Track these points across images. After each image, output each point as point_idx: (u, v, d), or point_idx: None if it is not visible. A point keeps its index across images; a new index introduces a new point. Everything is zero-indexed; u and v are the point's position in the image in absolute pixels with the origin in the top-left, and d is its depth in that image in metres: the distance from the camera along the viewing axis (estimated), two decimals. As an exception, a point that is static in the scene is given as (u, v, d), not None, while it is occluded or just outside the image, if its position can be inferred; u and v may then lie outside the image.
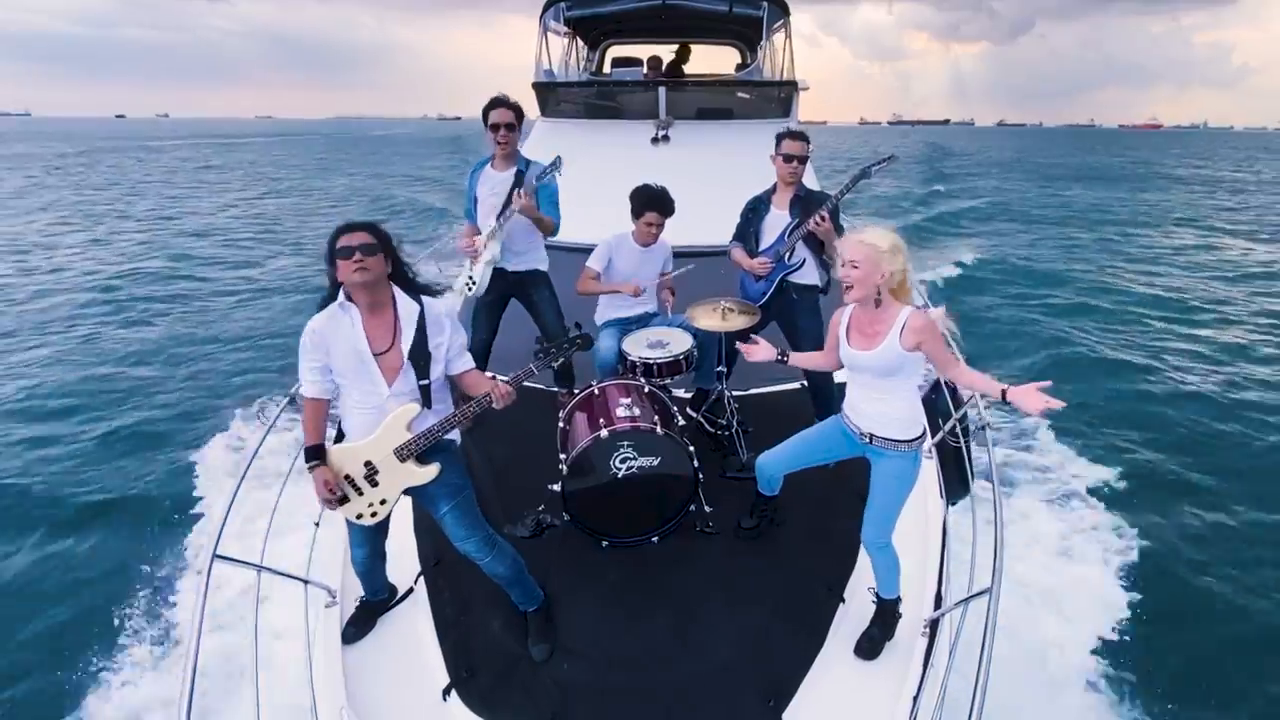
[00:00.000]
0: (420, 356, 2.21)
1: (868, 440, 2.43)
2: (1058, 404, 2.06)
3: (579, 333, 2.43)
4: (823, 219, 3.24)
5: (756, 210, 3.58)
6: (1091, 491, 5.21)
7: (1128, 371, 7.95)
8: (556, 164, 3.48)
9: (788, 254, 3.46)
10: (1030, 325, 9.94)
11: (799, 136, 3.44)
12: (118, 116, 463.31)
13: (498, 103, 3.49)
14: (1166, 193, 28.68)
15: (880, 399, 2.38)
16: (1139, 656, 3.68)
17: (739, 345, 2.83)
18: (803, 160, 3.43)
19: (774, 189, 3.58)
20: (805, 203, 3.42)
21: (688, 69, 7.58)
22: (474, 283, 3.70)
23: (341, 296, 2.18)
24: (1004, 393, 2.14)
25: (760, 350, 2.75)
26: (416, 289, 2.26)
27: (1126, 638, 3.79)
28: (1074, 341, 9.05)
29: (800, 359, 2.79)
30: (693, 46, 7.89)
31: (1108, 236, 17.32)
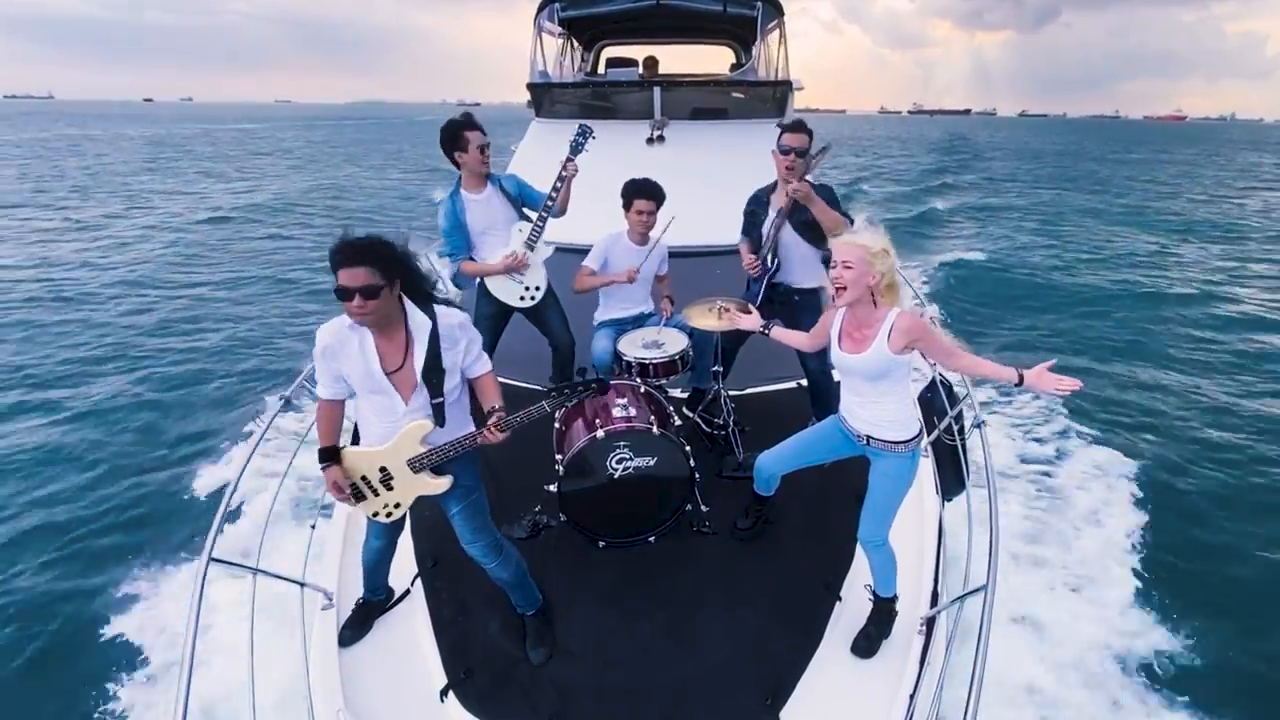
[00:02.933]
0: (433, 374, 2.16)
1: (865, 441, 2.44)
2: (1072, 384, 2.04)
3: (595, 378, 2.40)
4: (795, 189, 3.10)
5: (755, 213, 3.51)
6: (1090, 486, 5.22)
7: (1129, 367, 7.94)
8: (587, 132, 3.45)
9: (769, 255, 3.39)
10: (1028, 316, 9.99)
11: (797, 128, 3.27)
12: (145, 100, 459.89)
13: (474, 124, 3.36)
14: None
15: (873, 402, 2.38)
16: (1139, 653, 3.68)
17: (737, 320, 2.89)
18: (801, 154, 3.23)
19: (774, 186, 3.47)
20: (797, 205, 3.31)
21: (679, 69, 7.58)
22: (538, 290, 3.65)
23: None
24: (1021, 377, 2.12)
25: (749, 319, 2.87)
26: (431, 301, 2.19)
27: (1124, 634, 3.79)
28: (1077, 337, 9.08)
29: (781, 334, 2.83)
30: (682, 48, 7.89)
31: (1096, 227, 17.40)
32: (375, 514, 2.38)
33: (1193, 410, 6.86)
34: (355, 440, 2.38)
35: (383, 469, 2.27)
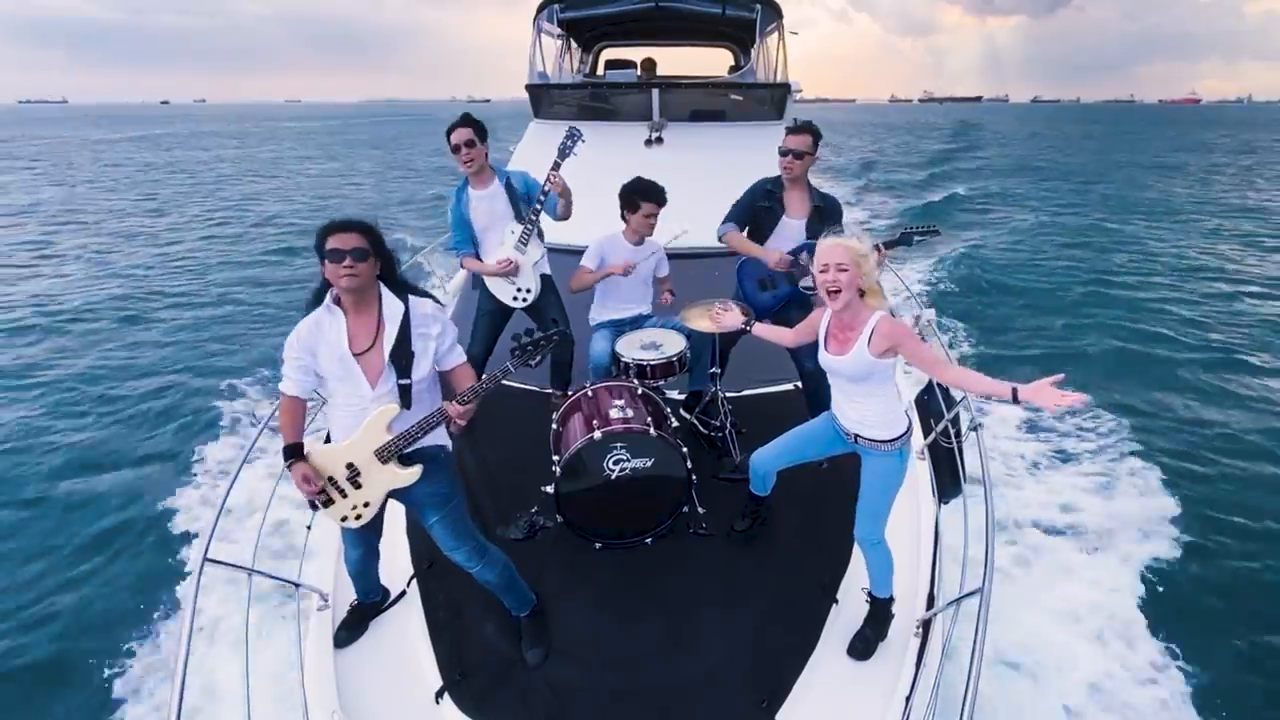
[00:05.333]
0: (402, 356, 2.18)
1: (854, 439, 2.47)
2: (1076, 399, 1.93)
3: (556, 329, 2.31)
4: (880, 251, 3.00)
5: (771, 210, 3.47)
6: (1087, 490, 5.22)
7: (1128, 364, 7.87)
8: (576, 135, 3.43)
9: (803, 277, 3.39)
10: (1031, 310, 9.92)
11: (801, 130, 3.36)
12: (162, 102, 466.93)
13: (458, 123, 3.43)
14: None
15: (859, 402, 2.41)
16: (1132, 653, 3.68)
17: (717, 308, 2.85)
18: (799, 155, 3.34)
19: (782, 185, 3.47)
20: (822, 215, 3.34)
21: (678, 71, 7.59)
22: (529, 292, 3.65)
23: (329, 300, 2.18)
24: (1014, 392, 2.01)
25: (729, 317, 2.83)
26: (405, 289, 2.24)
27: (1117, 635, 3.79)
28: (1077, 331, 9.02)
29: (763, 330, 2.82)
30: (681, 50, 7.90)
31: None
32: (344, 518, 2.34)
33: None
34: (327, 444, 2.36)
35: (350, 465, 2.24)
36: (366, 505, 2.32)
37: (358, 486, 2.28)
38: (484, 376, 2.25)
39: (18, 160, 32.47)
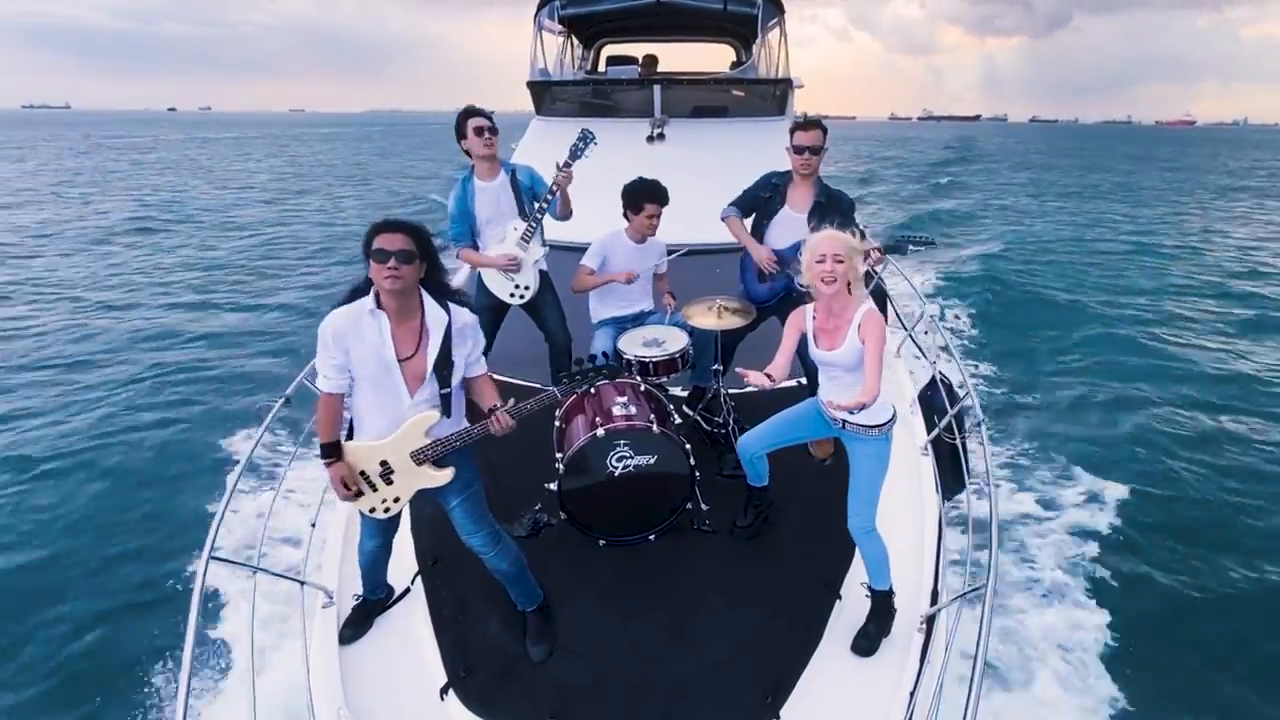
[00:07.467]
0: (444, 366, 2.21)
1: (840, 425, 2.51)
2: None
3: (606, 363, 2.40)
4: (880, 253, 3.16)
5: (771, 200, 3.47)
6: (1087, 488, 5.22)
7: (1131, 370, 7.86)
8: (589, 137, 3.41)
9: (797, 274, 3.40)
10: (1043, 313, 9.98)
11: (812, 125, 3.35)
12: (170, 110, 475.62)
13: (473, 112, 3.43)
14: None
15: (850, 388, 2.43)
16: (1131, 654, 3.68)
17: (746, 379, 2.55)
18: (816, 151, 3.32)
19: (790, 179, 3.46)
20: (825, 210, 3.31)
21: (679, 67, 7.60)
22: (527, 290, 3.64)
23: (372, 301, 2.16)
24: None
25: (755, 377, 2.55)
26: (446, 296, 2.25)
27: (1117, 637, 3.79)
28: (1085, 335, 9.01)
29: (776, 370, 2.58)
30: (682, 46, 7.89)
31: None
32: (373, 509, 2.38)
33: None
34: (350, 437, 2.38)
35: (383, 463, 2.28)
36: (396, 500, 2.37)
37: (390, 483, 2.32)
38: (531, 399, 2.30)
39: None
